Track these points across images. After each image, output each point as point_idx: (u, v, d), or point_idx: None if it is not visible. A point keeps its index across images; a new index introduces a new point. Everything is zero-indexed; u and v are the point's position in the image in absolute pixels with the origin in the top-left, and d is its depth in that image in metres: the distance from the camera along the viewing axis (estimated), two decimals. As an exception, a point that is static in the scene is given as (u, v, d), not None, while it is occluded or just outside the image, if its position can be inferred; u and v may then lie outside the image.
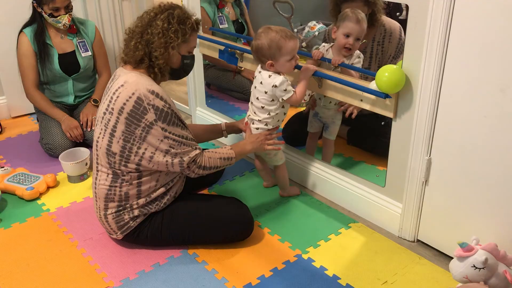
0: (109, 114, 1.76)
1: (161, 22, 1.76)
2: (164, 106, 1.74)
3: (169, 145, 1.76)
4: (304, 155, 2.40)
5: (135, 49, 1.77)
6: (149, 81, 1.76)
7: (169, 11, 1.78)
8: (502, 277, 1.56)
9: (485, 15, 1.51)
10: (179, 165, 1.80)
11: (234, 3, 3.29)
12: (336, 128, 2.34)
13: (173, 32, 1.77)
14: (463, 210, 1.78)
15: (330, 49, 2.21)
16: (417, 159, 1.85)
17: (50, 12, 2.59)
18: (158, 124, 1.73)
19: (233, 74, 3.28)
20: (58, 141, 2.64)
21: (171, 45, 1.77)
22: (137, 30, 1.80)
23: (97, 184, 1.88)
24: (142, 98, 1.71)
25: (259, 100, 2.03)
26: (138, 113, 1.72)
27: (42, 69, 2.70)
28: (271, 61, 1.95)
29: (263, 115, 2.05)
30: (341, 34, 2.10)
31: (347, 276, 1.82)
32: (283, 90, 1.97)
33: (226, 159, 1.93)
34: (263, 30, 1.96)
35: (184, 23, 1.79)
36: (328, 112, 2.30)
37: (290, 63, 1.97)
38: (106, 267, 1.88)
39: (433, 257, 1.91)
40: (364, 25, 2.09)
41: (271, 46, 1.92)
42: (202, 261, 1.91)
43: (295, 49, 1.95)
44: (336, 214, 2.19)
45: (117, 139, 1.77)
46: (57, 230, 2.11)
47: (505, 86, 1.53)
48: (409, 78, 1.77)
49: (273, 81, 1.96)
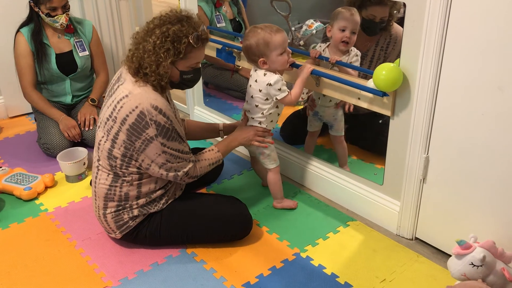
0: (112, 121, 1.76)
1: (155, 39, 1.69)
2: (166, 123, 1.73)
3: (166, 159, 1.78)
4: (302, 153, 2.40)
5: (131, 60, 1.75)
6: (153, 95, 1.73)
7: (168, 25, 1.69)
8: (500, 275, 1.56)
9: (482, 13, 1.51)
10: (173, 178, 1.84)
11: (232, 2, 3.28)
12: (341, 124, 2.33)
13: (165, 51, 1.69)
14: (461, 208, 1.78)
15: (326, 49, 2.21)
16: (415, 157, 1.85)
17: (47, 11, 2.58)
18: (158, 139, 1.73)
19: (231, 73, 3.28)
20: (56, 141, 2.64)
21: (161, 63, 1.70)
22: (137, 39, 1.75)
23: (97, 183, 1.88)
24: (145, 113, 1.70)
25: (254, 99, 2.03)
26: (140, 127, 1.71)
27: (40, 69, 2.69)
28: (262, 58, 1.95)
29: (257, 115, 2.05)
30: (337, 30, 2.11)
31: (345, 275, 1.83)
32: (277, 89, 1.96)
33: (214, 163, 1.98)
34: (249, 30, 1.98)
35: (179, 41, 1.69)
36: (328, 111, 2.29)
37: (282, 57, 1.95)
38: (104, 267, 1.88)
39: (431, 255, 1.92)
40: (357, 18, 2.10)
41: (258, 44, 1.93)
42: (200, 260, 1.91)
43: (283, 42, 1.94)
44: (334, 212, 2.20)
45: (119, 146, 1.77)
46: (55, 230, 2.11)
47: (503, 84, 1.53)
48: (407, 76, 1.77)
49: (268, 79, 1.96)
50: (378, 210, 2.08)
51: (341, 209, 2.21)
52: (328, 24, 2.16)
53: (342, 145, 2.36)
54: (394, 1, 2.10)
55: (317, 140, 2.46)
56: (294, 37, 3.32)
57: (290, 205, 2.21)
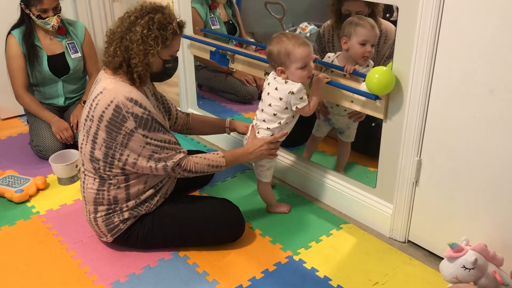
0: (89, 121, 1.75)
1: (141, 28, 1.69)
2: (144, 113, 1.72)
3: (152, 151, 1.75)
4: (295, 156, 2.40)
5: (114, 54, 1.73)
6: (128, 88, 1.72)
7: (150, 15, 1.70)
8: (492, 277, 1.56)
9: (474, 17, 1.51)
10: (163, 169, 1.79)
11: (226, 4, 3.28)
12: (353, 132, 2.29)
13: (153, 39, 1.69)
14: (453, 210, 1.79)
15: (336, 59, 2.15)
16: (407, 160, 1.86)
17: (38, 13, 2.56)
18: (139, 131, 1.71)
19: (225, 75, 3.28)
20: (48, 143, 2.63)
21: (150, 52, 1.71)
22: (117, 34, 1.73)
23: (85, 188, 1.87)
24: (120, 106, 1.69)
25: (272, 107, 1.94)
26: (118, 121, 1.70)
27: (31, 71, 2.68)
28: (281, 67, 1.89)
29: (273, 124, 1.97)
30: (357, 44, 2.02)
31: (338, 277, 1.83)
32: (299, 98, 1.89)
33: (214, 167, 1.91)
34: (276, 36, 1.90)
35: (165, 28, 1.71)
36: (342, 119, 2.25)
37: (301, 71, 1.86)
38: (96, 270, 1.87)
39: (424, 258, 1.92)
40: (377, 31, 2.04)
41: (280, 52, 1.86)
42: (193, 263, 1.90)
43: (305, 56, 1.84)
44: (327, 215, 2.19)
45: (99, 146, 1.75)
46: (47, 233, 2.09)
47: (494, 87, 1.53)
48: (399, 79, 1.77)
49: (290, 87, 1.88)
50: (371, 213, 2.08)
51: (334, 212, 2.21)
52: (344, 36, 2.08)
53: (346, 150, 2.34)
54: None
55: (317, 146, 2.43)
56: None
57: (284, 210, 2.20)
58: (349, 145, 2.34)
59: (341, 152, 2.37)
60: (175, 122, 2.16)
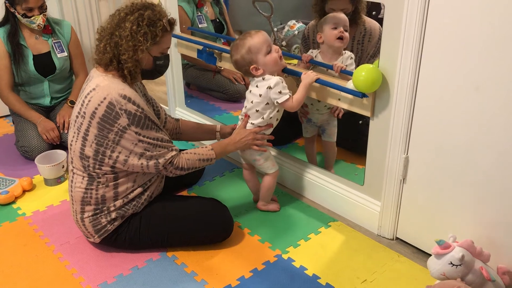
0: (81, 118, 1.74)
1: (130, 24, 1.70)
2: (137, 111, 1.71)
3: (144, 148, 1.75)
4: (283, 154, 2.39)
5: (104, 50, 1.73)
6: (121, 85, 1.73)
7: (140, 11, 1.72)
8: (479, 274, 1.57)
9: (460, 14, 1.52)
10: (154, 167, 1.79)
11: (213, 2, 3.26)
12: (334, 129, 2.30)
13: (142, 35, 1.70)
14: (440, 207, 1.80)
15: (318, 55, 2.17)
16: (394, 157, 1.86)
17: (23, 12, 2.53)
18: (132, 128, 1.71)
19: (213, 73, 3.27)
20: (34, 143, 2.60)
21: (139, 48, 1.71)
22: (107, 30, 1.74)
23: (73, 186, 1.85)
24: (113, 103, 1.68)
25: (253, 104, 1.98)
26: (111, 118, 1.69)
27: (17, 70, 2.64)
28: (252, 65, 1.91)
29: (257, 120, 2.00)
30: (329, 30, 2.07)
31: (326, 275, 1.83)
32: (278, 92, 1.91)
33: (205, 160, 1.91)
34: (230, 47, 1.97)
35: (155, 25, 1.72)
36: (322, 117, 2.26)
37: (270, 56, 1.90)
38: (83, 272, 1.85)
39: (412, 255, 1.93)
40: (344, 16, 2.08)
41: (242, 55, 1.91)
42: (181, 264, 1.89)
43: (263, 41, 1.89)
44: (315, 213, 2.20)
45: (90, 143, 1.74)
46: (33, 234, 2.07)
47: (480, 84, 1.54)
48: (386, 77, 1.78)
49: (267, 82, 1.91)
50: (359, 210, 2.08)
51: (323, 210, 2.21)
52: (318, 33, 2.12)
53: (332, 151, 2.35)
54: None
55: (315, 146, 2.41)
56: (276, 37, 3.32)
57: (275, 208, 2.20)
58: (333, 145, 2.34)
59: (326, 153, 2.37)
60: (163, 126, 2.14)
